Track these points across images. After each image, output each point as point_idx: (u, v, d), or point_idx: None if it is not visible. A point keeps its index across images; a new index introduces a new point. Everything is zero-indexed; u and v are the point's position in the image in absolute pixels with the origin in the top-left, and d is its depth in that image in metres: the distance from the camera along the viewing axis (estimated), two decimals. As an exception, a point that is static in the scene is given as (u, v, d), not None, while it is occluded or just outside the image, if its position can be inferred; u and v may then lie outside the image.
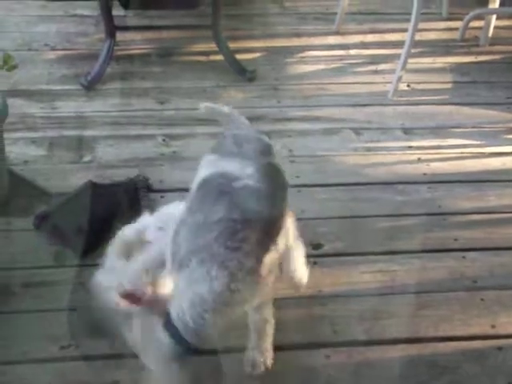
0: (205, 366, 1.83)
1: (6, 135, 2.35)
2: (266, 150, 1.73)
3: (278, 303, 2.02)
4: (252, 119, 2.35)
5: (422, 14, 2.89)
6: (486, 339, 1.97)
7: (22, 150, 2.60)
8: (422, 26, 2.96)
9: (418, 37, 2.93)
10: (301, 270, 1.94)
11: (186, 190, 1.72)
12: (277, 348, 1.91)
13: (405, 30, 2.95)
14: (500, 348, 1.94)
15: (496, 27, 3.44)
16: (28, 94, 2.93)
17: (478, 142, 2.78)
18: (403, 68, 2.95)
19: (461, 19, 3.52)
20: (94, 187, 2.37)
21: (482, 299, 2.09)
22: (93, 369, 1.84)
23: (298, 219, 2.22)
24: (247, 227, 1.49)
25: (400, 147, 2.73)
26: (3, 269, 2.12)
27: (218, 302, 1.47)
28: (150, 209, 2.09)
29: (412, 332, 1.98)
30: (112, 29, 3.07)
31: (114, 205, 2.27)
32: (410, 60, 2.97)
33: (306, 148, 2.66)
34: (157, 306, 1.54)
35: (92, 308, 1.67)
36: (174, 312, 1.51)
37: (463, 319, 2.02)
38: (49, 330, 1.93)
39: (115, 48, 3.11)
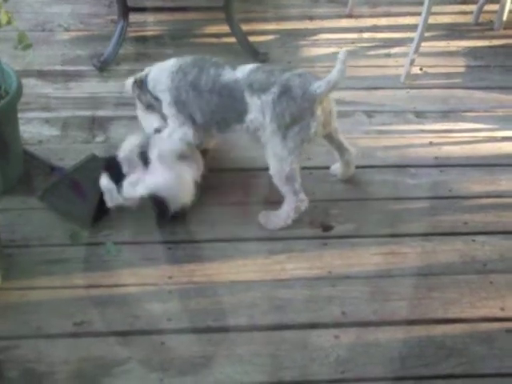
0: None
1: (20, 115, 2.38)
2: None
3: (289, 284, 2.06)
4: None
5: (436, -3, 2.88)
6: (494, 321, 1.98)
7: (36, 130, 2.63)
8: (435, 9, 2.95)
9: (431, 20, 2.92)
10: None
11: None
12: (286, 327, 1.94)
13: (418, 14, 2.94)
14: (508, 330, 1.95)
15: (511, 11, 3.42)
16: (42, 74, 2.95)
17: (491, 126, 2.77)
18: (416, 51, 2.94)
19: (475, 3, 3.50)
20: (95, 160, 2.43)
21: (491, 282, 2.10)
22: (105, 345, 1.87)
23: (310, 201, 2.25)
24: None
25: (412, 130, 2.73)
26: (17, 246, 2.15)
27: None
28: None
29: (421, 313, 2.00)
30: (125, 10, 3.08)
31: (110, 176, 2.28)
32: (423, 43, 2.96)
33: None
34: None
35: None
36: None
37: (472, 302, 2.03)
38: (62, 307, 1.96)
39: (128, 29, 3.13)
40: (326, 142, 2.36)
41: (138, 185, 2.15)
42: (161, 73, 2.33)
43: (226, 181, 2.38)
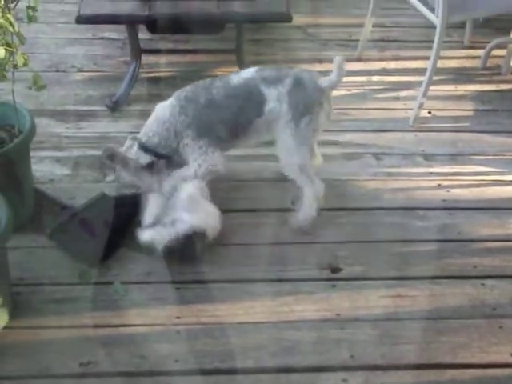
0: None
1: (32, 153, 2.41)
2: None
3: (297, 326, 2.05)
4: (272, 143, 2.39)
5: (444, 42, 2.92)
6: (504, 367, 1.97)
7: (47, 169, 2.66)
8: (443, 53, 2.98)
9: (439, 64, 2.95)
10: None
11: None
12: (294, 370, 1.93)
13: (427, 58, 2.97)
14: (519, 376, 1.93)
15: (518, 56, 3.45)
16: (55, 114, 2.99)
17: (499, 170, 2.78)
18: (425, 95, 2.97)
19: (483, 48, 3.53)
20: (105, 199, 2.44)
21: (500, 327, 2.08)
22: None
23: (318, 243, 2.26)
24: None
25: (420, 173, 2.74)
26: (27, 284, 2.16)
27: None
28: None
29: (429, 358, 1.98)
30: (138, 52, 3.14)
31: (119, 215, 2.34)
32: (432, 87, 2.99)
33: (327, 172, 2.68)
34: None
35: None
36: None
37: (481, 346, 2.02)
38: (70, 346, 1.96)
39: (140, 70, 3.18)
40: None
41: (177, 224, 2.21)
42: (165, 123, 2.39)
43: (233, 221, 2.39)
